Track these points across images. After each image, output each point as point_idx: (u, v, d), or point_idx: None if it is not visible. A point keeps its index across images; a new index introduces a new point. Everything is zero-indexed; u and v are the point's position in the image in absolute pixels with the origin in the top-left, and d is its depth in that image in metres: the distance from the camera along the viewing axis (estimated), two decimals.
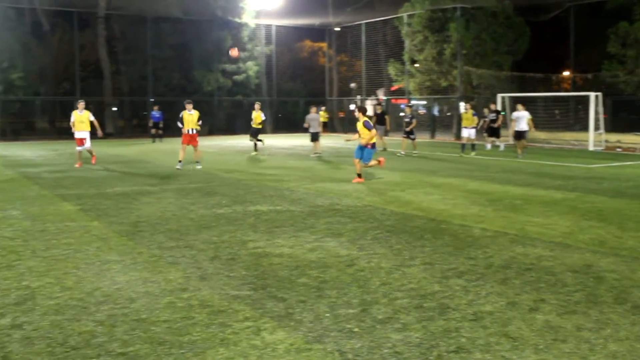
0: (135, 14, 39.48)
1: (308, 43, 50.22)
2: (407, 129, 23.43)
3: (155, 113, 33.44)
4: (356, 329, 4.91)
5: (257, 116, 23.81)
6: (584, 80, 39.55)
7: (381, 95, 39.52)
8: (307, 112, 23.97)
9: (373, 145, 14.60)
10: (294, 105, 45.79)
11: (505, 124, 27.92)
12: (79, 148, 18.96)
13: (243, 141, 32.81)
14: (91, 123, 18.87)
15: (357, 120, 14.77)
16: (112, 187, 13.53)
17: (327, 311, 5.33)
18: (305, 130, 23.26)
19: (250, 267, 6.72)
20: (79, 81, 38.09)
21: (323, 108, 26.50)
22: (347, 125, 43.33)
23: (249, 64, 42.18)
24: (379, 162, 15.25)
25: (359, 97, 41.71)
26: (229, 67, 41.48)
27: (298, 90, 46.42)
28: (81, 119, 18.70)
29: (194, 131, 18.18)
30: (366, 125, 14.36)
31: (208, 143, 28.95)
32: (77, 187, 13.67)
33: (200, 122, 18.44)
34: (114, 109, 40.06)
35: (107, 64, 39.32)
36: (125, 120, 41.71)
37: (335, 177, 15.72)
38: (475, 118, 24.21)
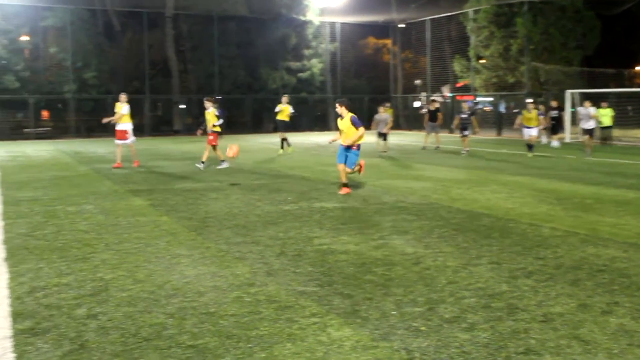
0: (202, 13, 40.23)
1: (372, 40, 50.05)
2: (462, 127, 22.94)
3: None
4: (423, 328, 4.88)
5: (285, 109, 22.67)
6: None
7: (446, 92, 39.01)
8: (372, 110, 23.83)
9: (359, 147, 12.32)
10: (358, 102, 45.74)
11: (574, 121, 27.25)
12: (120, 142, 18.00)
13: (307, 138, 33.01)
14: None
15: (339, 116, 12.44)
16: (180, 184, 13.84)
17: (394, 309, 5.31)
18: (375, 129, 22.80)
19: (317, 264, 6.76)
20: (148, 80, 39.07)
21: (388, 105, 26.20)
22: (412, 122, 43.00)
23: (314, 61, 42.39)
24: (360, 167, 12.93)
25: (424, 94, 41.30)
26: (294, 64, 41.79)
27: (362, 87, 46.37)
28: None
29: (210, 131, 17.73)
30: (354, 123, 12.03)
31: (272, 140, 29.23)
32: (147, 182, 14.03)
33: (218, 123, 18.02)
34: (182, 106, 40.87)
35: (175, 63, 40.21)
36: (192, 117, 42.55)
37: (400, 174, 15.64)
38: (541, 118, 23.62)
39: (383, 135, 22.67)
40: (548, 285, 5.99)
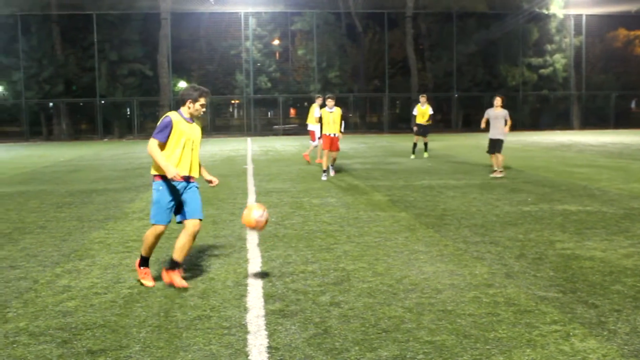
0: (441, 11, 40.28)
1: (622, 32, 46.31)
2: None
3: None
4: None
5: (425, 111, 20.27)
6: None
7: None
8: (620, 106, 22.00)
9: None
10: (604, 99, 42.67)
11: None
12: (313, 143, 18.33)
13: (549, 137, 31.55)
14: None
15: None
16: (419, 180, 14.03)
17: None
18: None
19: (559, 269, 6.47)
20: (388, 78, 40.05)
21: None
22: None
23: (557, 56, 40.40)
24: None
25: None
26: (535, 60, 40.16)
27: (610, 83, 43.13)
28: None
29: (335, 134, 14.59)
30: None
31: (512, 139, 28.36)
32: (386, 178, 14.43)
33: (342, 126, 14.84)
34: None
35: (414, 61, 40.76)
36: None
37: None
38: None
39: None
40: None
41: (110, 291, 5.90)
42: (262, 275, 6.36)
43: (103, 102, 38.77)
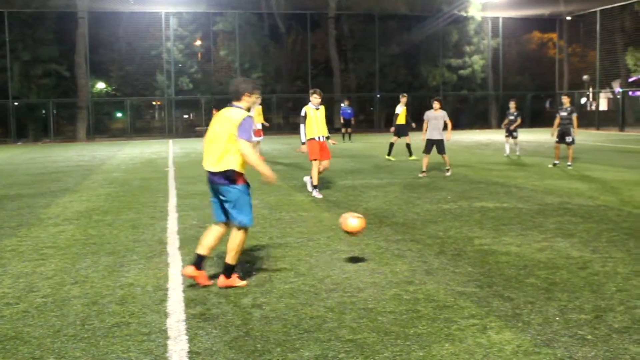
0: (363, 13, 40.75)
1: (537, 34, 48.12)
2: (512, 127, 20.22)
3: (347, 108, 30.50)
4: (589, 336, 4.65)
5: (404, 112, 20.13)
6: None
7: (617, 87, 36.63)
8: (535, 107, 22.80)
9: None
10: (521, 99, 44.18)
11: None
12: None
13: (469, 136, 32.41)
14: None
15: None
16: (342, 180, 14.13)
17: (557, 315, 5.11)
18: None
19: (476, 264, 6.64)
20: (311, 79, 40.21)
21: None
22: (579, 120, 40.90)
23: (475, 58, 41.55)
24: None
25: (591, 89, 39.10)
26: (455, 61, 41.18)
27: (525, 83, 44.71)
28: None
29: (324, 138, 12.03)
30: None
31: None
32: None
33: None
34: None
35: (337, 62, 41.09)
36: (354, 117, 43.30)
37: (564, 174, 14.93)
38: None
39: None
40: None
41: (22, 301, 5.67)
42: (183, 279, 6.25)
43: (16, 103, 37.34)
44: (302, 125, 11.89)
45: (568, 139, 16.57)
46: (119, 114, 43.83)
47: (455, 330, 4.79)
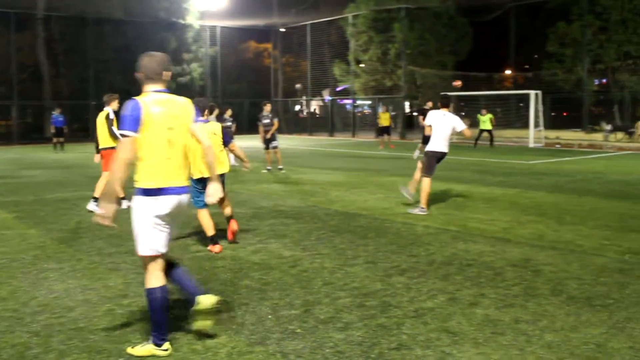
0: (75, 15, 38.62)
1: (253, 44, 50.02)
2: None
3: (58, 116, 28.45)
4: (299, 330, 4.90)
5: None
6: (524, 78, 40.47)
7: (326, 95, 39.61)
8: (253, 113, 23.58)
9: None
10: (239, 106, 45.55)
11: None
12: None
13: None
14: None
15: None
16: (52, 193, 13.19)
17: (270, 313, 5.30)
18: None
19: (193, 271, 6.60)
20: (16, 84, 37.03)
21: (382, 109, 26.81)
22: (293, 126, 43.44)
23: (193, 65, 41.80)
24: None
25: (304, 97, 41.77)
26: (173, 69, 40.99)
27: (243, 91, 46.17)
28: None
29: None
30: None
31: None
32: (14, 193, 13.25)
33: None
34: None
35: (47, 67, 38.40)
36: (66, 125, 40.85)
37: (279, 178, 15.68)
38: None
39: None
40: (420, 282, 6.18)
41: None
42: None
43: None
44: None
45: (273, 143, 17.36)
46: None
47: (170, 339, 4.71)
